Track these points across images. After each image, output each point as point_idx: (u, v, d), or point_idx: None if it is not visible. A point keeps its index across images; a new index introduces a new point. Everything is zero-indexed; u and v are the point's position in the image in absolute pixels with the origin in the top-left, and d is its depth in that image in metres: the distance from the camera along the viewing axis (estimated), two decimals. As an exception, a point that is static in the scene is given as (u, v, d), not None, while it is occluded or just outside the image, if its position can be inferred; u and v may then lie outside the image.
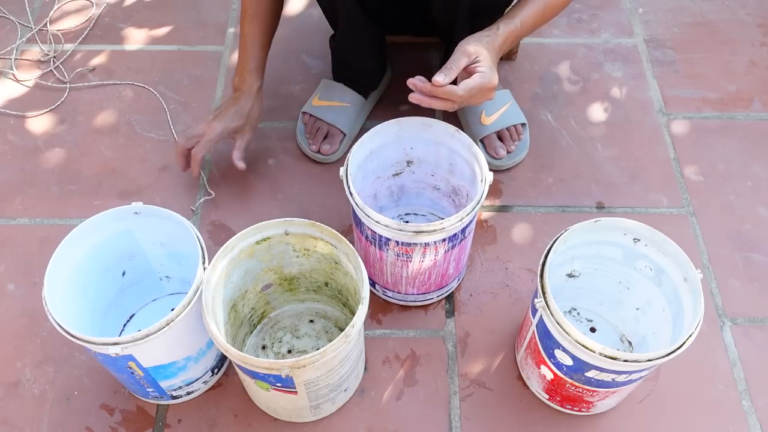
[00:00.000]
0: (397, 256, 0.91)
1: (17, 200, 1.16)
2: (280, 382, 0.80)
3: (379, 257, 0.94)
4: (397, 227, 0.85)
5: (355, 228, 0.97)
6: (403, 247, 0.89)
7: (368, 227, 0.89)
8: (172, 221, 0.88)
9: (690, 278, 0.83)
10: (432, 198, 1.09)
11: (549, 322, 0.80)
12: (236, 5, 1.46)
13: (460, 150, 0.97)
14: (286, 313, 1.02)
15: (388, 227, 0.86)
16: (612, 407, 0.95)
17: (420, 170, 1.04)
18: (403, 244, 0.88)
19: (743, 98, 1.30)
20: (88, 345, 0.78)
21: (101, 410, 0.95)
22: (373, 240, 0.91)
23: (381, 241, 0.90)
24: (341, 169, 0.90)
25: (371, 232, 0.90)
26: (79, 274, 0.88)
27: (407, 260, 0.92)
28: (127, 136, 1.25)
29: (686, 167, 1.20)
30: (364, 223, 0.89)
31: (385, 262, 0.94)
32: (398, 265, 0.93)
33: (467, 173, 0.98)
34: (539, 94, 1.30)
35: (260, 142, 1.23)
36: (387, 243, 0.90)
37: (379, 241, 0.90)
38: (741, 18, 1.44)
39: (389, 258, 0.92)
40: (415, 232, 0.86)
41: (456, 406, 0.96)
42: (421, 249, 0.89)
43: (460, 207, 1.05)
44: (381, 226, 0.86)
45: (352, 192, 0.88)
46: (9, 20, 1.43)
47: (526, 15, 0.94)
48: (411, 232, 0.86)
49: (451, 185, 1.04)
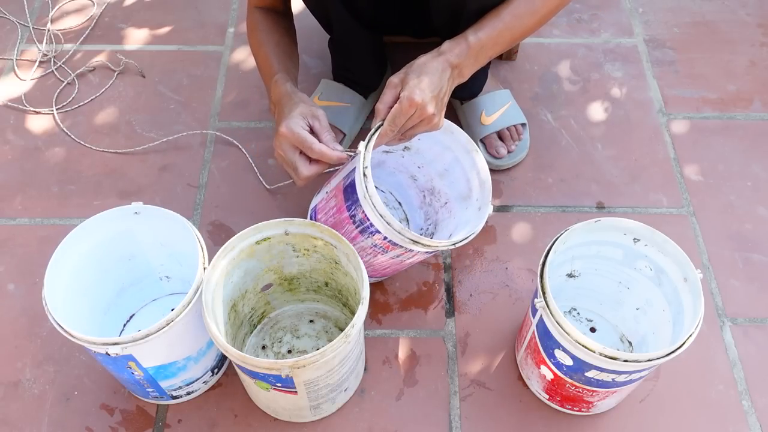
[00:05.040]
0: (374, 246, 0.89)
1: (17, 200, 1.16)
2: (280, 382, 0.80)
3: (351, 237, 0.89)
4: (398, 230, 0.84)
5: (339, 197, 0.90)
6: (387, 243, 0.87)
7: (363, 212, 0.86)
8: (172, 221, 0.88)
9: (690, 278, 0.83)
10: (402, 182, 1.08)
11: (549, 322, 0.80)
12: (236, 5, 1.46)
13: (467, 167, 0.96)
14: (286, 313, 1.02)
15: (389, 226, 0.84)
16: (612, 407, 0.95)
17: (410, 158, 1.03)
18: (390, 242, 0.87)
19: (743, 98, 1.30)
20: (88, 345, 0.78)
21: (101, 410, 0.95)
22: (360, 223, 0.87)
23: (369, 230, 0.87)
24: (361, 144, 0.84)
25: (363, 217, 0.86)
26: (79, 274, 0.88)
27: (381, 253, 0.90)
28: (127, 136, 1.25)
29: (686, 167, 1.20)
30: (361, 206, 0.85)
31: (356, 244, 0.90)
32: (368, 251, 0.91)
33: (460, 188, 0.97)
34: (539, 94, 1.30)
35: (260, 142, 1.23)
36: (373, 234, 0.87)
37: (367, 229, 0.87)
38: (741, 18, 1.44)
39: (364, 243, 0.89)
40: (413, 241, 0.84)
41: (456, 406, 0.96)
42: (402, 251, 0.89)
43: (430, 207, 1.05)
44: (381, 221, 0.84)
45: (367, 174, 0.83)
46: (9, 20, 1.43)
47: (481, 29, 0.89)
48: (409, 240, 0.85)
49: (432, 185, 1.03)
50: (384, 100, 0.85)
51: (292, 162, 0.88)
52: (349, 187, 0.88)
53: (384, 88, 0.86)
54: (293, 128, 0.86)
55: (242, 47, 1.39)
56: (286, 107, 0.90)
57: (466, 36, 0.88)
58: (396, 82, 0.85)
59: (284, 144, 0.88)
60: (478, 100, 1.19)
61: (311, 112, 0.89)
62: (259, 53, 1.02)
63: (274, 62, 0.99)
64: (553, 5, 0.90)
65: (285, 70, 0.98)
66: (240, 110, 1.28)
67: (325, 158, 0.87)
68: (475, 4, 0.90)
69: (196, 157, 1.22)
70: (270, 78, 0.97)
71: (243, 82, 1.33)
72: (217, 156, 1.22)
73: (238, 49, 1.38)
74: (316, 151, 0.86)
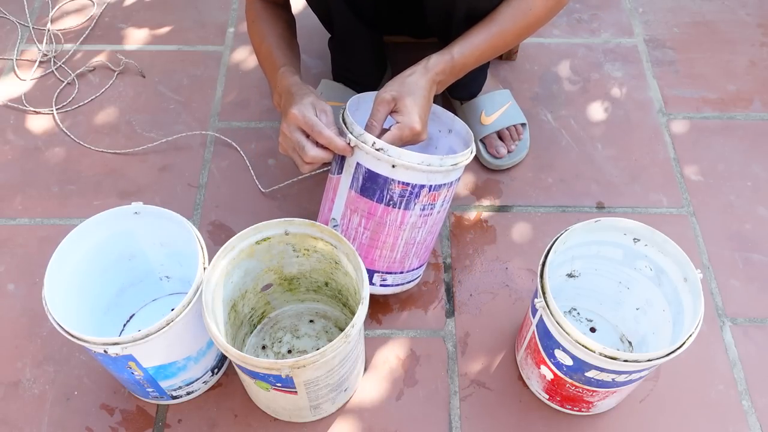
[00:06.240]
0: (422, 210, 0.90)
1: (17, 200, 1.16)
2: (280, 382, 0.80)
3: (399, 223, 0.90)
4: (439, 162, 0.85)
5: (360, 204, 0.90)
6: (433, 193, 0.89)
7: (399, 183, 0.86)
8: (172, 221, 0.88)
9: (690, 278, 0.83)
10: None
11: (549, 322, 0.80)
12: (236, 5, 1.46)
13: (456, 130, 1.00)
14: (286, 313, 1.02)
15: (430, 166, 0.84)
16: (612, 407, 0.95)
17: None
18: (434, 189, 0.88)
19: (743, 98, 1.30)
20: (88, 345, 0.78)
21: (101, 410, 0.95)
22: (400, 199, 0.87)
23: (412, 194, 0.87)
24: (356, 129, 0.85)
25: (402, 187, 0.86)
26: (79, 274, 0.88)
27: (430, 213, 0.91)
28: (127, 136, 1.25)
29: (686, 167, 1.20)
30: (394, 179, 0.85)
31: (404, 228, 0.91)
32: (418, 225, 0.92)
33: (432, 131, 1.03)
34: (539, 94, 1.30)
35: (260, 143, 1.23)
36: (418, 195, 0.88)
37: (408, 197, 0.87)
38: (741, 18, 1.44)
39: (411, 219, 0.90)
40: (453, 164, 0.87)
41: (456, 406, 0.96)
42: (446, 191, 0.90)
43: None
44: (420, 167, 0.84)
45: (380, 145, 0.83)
46: (9, 20, 1.43)
47: (467, 46, 0.91)
48: (449, 166, 0.86)
49: None
50: (377, 117, 0.86)
51: (299, 142, 0.86)
52: (367, 182, 0.87)
53: (375, 104, 0.87)
54: (304, 112, 0.85)
55: (242, 47, 1.39)
56: (296, 95, 0.89)
57: (452, 52, 0.90)
58: (388, 99, 0.86)
59: (293, 126, 0.87)
60: (477, 100, 1.19)
61: (320, 106, 0.88)
62: (262, 46, 1.01)
63: (279, 55, 0.98)
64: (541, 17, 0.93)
65: (290, 63, 0.97)
66: (240, 110, 1.28)
67: (332, 145, 0.85)
68: (463, 5, 0.92)
69: (196, 157, 1.22)
70: (275, 70, 0.96)
71: (243, 82, 1.33)
72: (217, 156, 1.22)
73: (238, 49, 1.38)
74: (325, 136, 0.85)
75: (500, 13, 0.91)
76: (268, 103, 1.29)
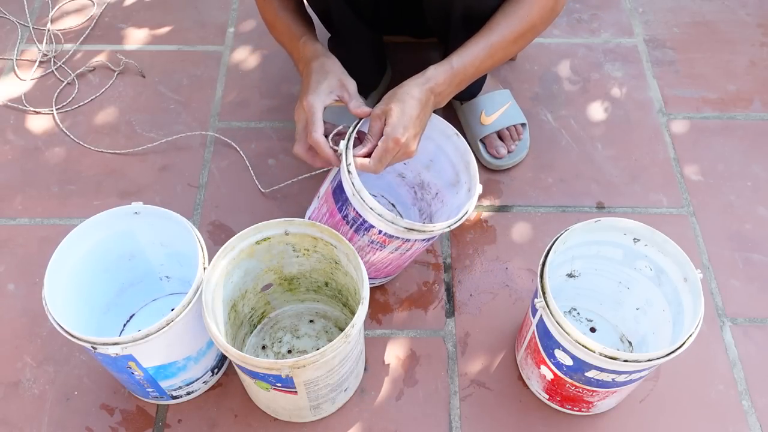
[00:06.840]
0: (371, 243, 0.89)
1: (17, 200, 1.16)
2: (280, 382, 0.80)
3: (348, 238, 0.90)
4: (391, 220, 0.84)
5: (329, 201, 0.91)
6: (383, 237, 0.87)
7: (354, 209, 0.86)
8: (172, 221, 0.88)
9: (690, 278, 0.83)
10: (391, 183, 1.08)
11: (549, 322, 0.80)
12: (236, 5, 1.46)
13: (450, 152, 0.96)
14: (286, 313, 1.02)
15: (381, 217, 0.84)
16: (612, 407, 0.95)
17: None
18: (385, 235, 0.87)
19: (743, 98, 1.30)
20: (88, 345, 0.78)
21: (101, 410, 0.95)
22: (353, 222, 0.88)
23: (363, 226, 0.87)
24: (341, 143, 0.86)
25: (355, 215, 0.87)
26: (79, 274, 0.88)
27: (379, 249, 0.90)
28: (127, 136, 1.25)
29: (686, 167, 1.20)
30: (351, 204, 0.86)
31: (354, 244, 0.90)
32: (366, 250, 0.91)
33: (448, 175, 0.97)
34: (539, 94, 1.30)
35: (260, 142, 1.23)
36: (368, 230, 0.87)
37: (361, 225, 0.87)
38: (741, 18, 1.44)
39: (361, 242, 0.90)
40: (408, 229, 0.85)
41: (456, 406, 0.96)
42: (399, 243, 0.89)
43: (422, 201, 1.05)
44: (373, 214, 0.84)
45: (351, 170, 0.84)
46: (9, 20, 1.43)
47: (466, 56, 0.90)
48: (403, 228, 0.85)
49: (421, 179, 1.03)
50: (372, 133, 0.86)
51: (298, 133, 0.91)
52: (338, 188, 0.89)
53: (370, 120, 0.87)
54: (313, 105, 0.87)
55: (242, 47, 1.39)
56: (315, 74, 0.90)
57: (451, 62, 0.90)
58: (379, 113, 0.86)
59: (301, 115, 0.90)
60: (477, 100, 1.19)
61: (339, 83, 0.90)
62: (278, 20, 1.00)
63: (298, 26, 0.98)
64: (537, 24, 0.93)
65: (309, 32, 0.98)
66: (240, 110, 1.28)
67: (318, 149, 0.87)
68: (460, 4, 0.93)
69: (196, 157, 1.22)
70: (296, 40, 0.96)
71: (243, 82, 1.33)
72: (217, 156, 1.22)
73: (238, 49, 1.38)
74: (314, 140, 0.87)
75: (497, 22, 0.92)
76: (268, 103, 1.29)
